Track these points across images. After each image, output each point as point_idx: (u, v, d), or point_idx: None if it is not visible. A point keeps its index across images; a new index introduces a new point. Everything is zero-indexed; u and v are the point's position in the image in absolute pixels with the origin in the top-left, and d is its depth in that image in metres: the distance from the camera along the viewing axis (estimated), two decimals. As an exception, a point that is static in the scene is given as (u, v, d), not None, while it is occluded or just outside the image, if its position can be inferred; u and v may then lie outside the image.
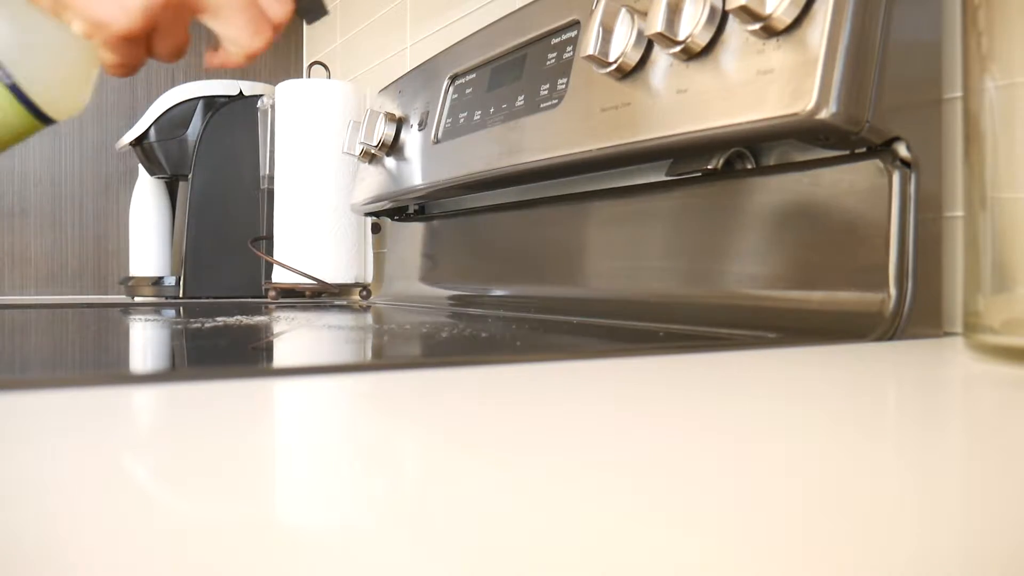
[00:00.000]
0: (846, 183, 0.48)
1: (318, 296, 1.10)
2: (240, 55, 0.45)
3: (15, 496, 0.14)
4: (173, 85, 1.23)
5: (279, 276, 1.06)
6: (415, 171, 0.85)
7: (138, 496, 0.14)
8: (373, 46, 1.25)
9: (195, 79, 1.24)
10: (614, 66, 0.55)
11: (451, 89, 0.83)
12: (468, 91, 0.80)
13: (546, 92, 0.66)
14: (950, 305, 0.48)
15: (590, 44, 0.56)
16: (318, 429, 0.20)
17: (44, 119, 0.44)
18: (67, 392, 0.23)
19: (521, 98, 0.70)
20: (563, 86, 0.64)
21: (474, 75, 0.79)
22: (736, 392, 0.26)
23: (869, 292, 0.46)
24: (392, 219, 1.04)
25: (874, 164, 0.46)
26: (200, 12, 0.43)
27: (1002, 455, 0.18)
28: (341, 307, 0.91)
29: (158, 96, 1.21)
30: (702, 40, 0.49)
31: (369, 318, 0.69)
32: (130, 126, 1.31)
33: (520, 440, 0.19)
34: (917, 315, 0.45)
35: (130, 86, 1.42)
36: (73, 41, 0.42)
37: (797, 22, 0.44)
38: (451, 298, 0.90)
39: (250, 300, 1.11)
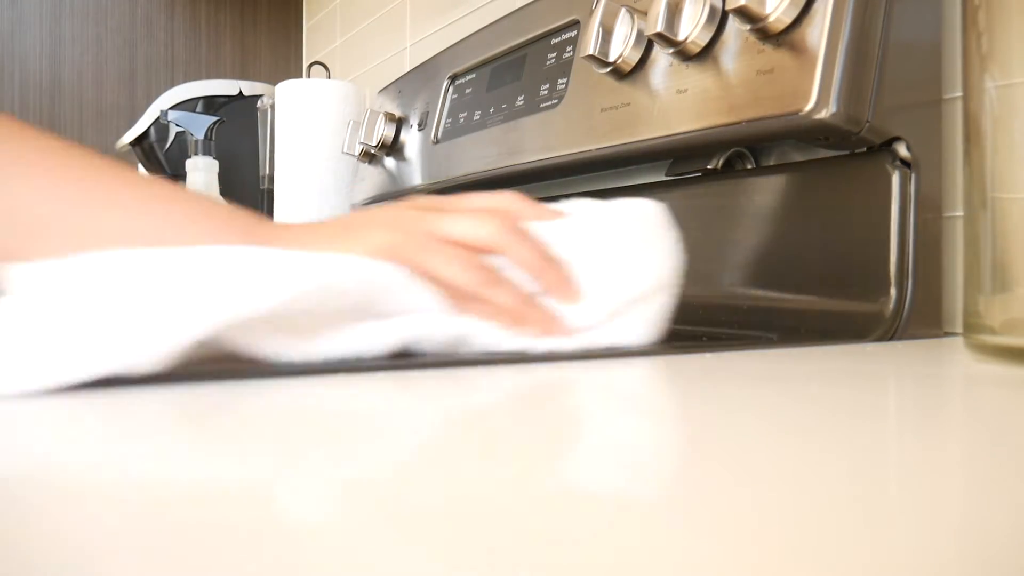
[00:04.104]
0: (846, 183, 0.48)
1: (318, 296, 1.10)
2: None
3: (16, 497, 0.14)
4: (173, 85, 1.23)
5: (279, 276, 1.06)
6: (415, 171, 0.85)
7: (136, 496, 0.14)
8: (373, 46, 1.25)
9: (195, 79, 1.24)
10: (614, 66, 0.55)
11: (451, 89, 0.83)
12: (468, 91, 0.80)
13: (546, 92, 0.66)
14: (950, 305, 0.48)
15: (590, 44, 0.56)
16: (317, 429, 0.20)
17: None
18: (68, 392, 0.23)
19: (521, 98, 0.70)
20: (563, 86, 0.64)
21: (474, 75, 0.79)
22: (737, 392, 0.26)
23: (869, 292, 0.46)
24: (392, 219, 1.04)
25: (874, 164, 0.46)
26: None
27: (1002, 455, 0.18)
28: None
29: (158, 96, 1.21)
30: (702, 40, 0.49)
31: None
32: (130, 126, 1.31)
33: (520, 440, 0.19)
34: (917, 315, 0.45)
35: (130, 86, 1.42)
36: None
37: (797, 22, 0.44)
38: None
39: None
